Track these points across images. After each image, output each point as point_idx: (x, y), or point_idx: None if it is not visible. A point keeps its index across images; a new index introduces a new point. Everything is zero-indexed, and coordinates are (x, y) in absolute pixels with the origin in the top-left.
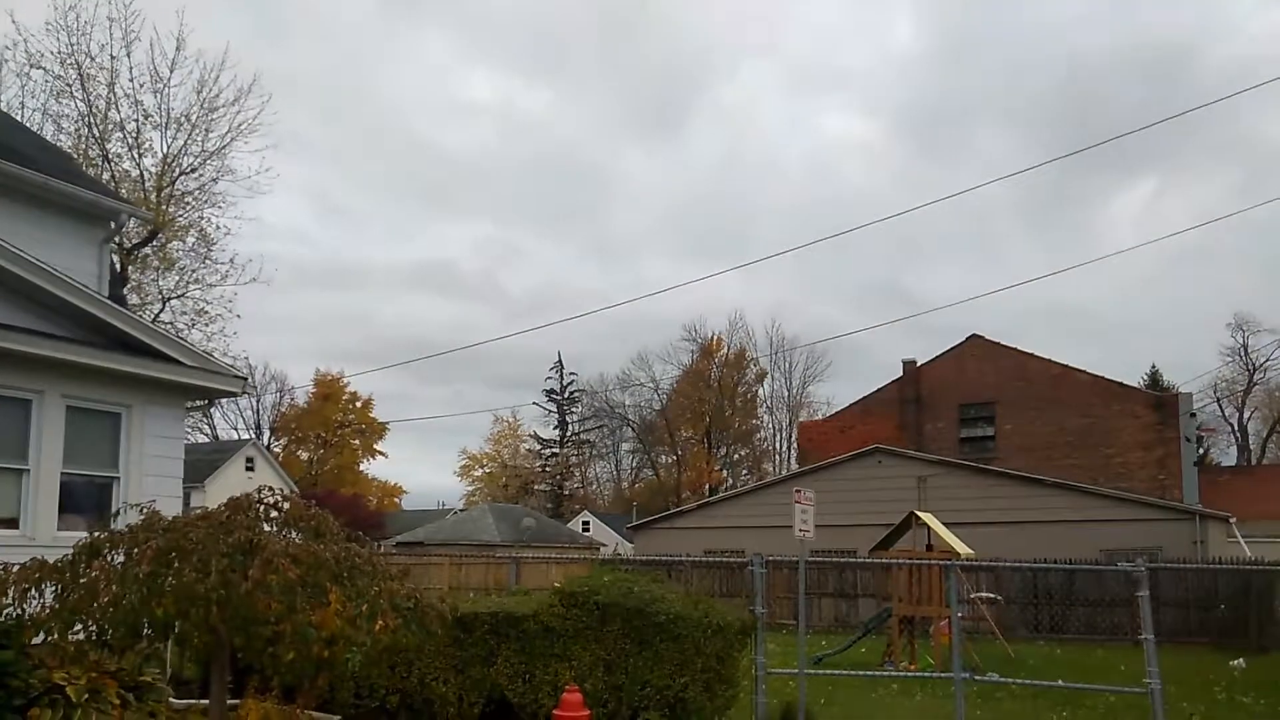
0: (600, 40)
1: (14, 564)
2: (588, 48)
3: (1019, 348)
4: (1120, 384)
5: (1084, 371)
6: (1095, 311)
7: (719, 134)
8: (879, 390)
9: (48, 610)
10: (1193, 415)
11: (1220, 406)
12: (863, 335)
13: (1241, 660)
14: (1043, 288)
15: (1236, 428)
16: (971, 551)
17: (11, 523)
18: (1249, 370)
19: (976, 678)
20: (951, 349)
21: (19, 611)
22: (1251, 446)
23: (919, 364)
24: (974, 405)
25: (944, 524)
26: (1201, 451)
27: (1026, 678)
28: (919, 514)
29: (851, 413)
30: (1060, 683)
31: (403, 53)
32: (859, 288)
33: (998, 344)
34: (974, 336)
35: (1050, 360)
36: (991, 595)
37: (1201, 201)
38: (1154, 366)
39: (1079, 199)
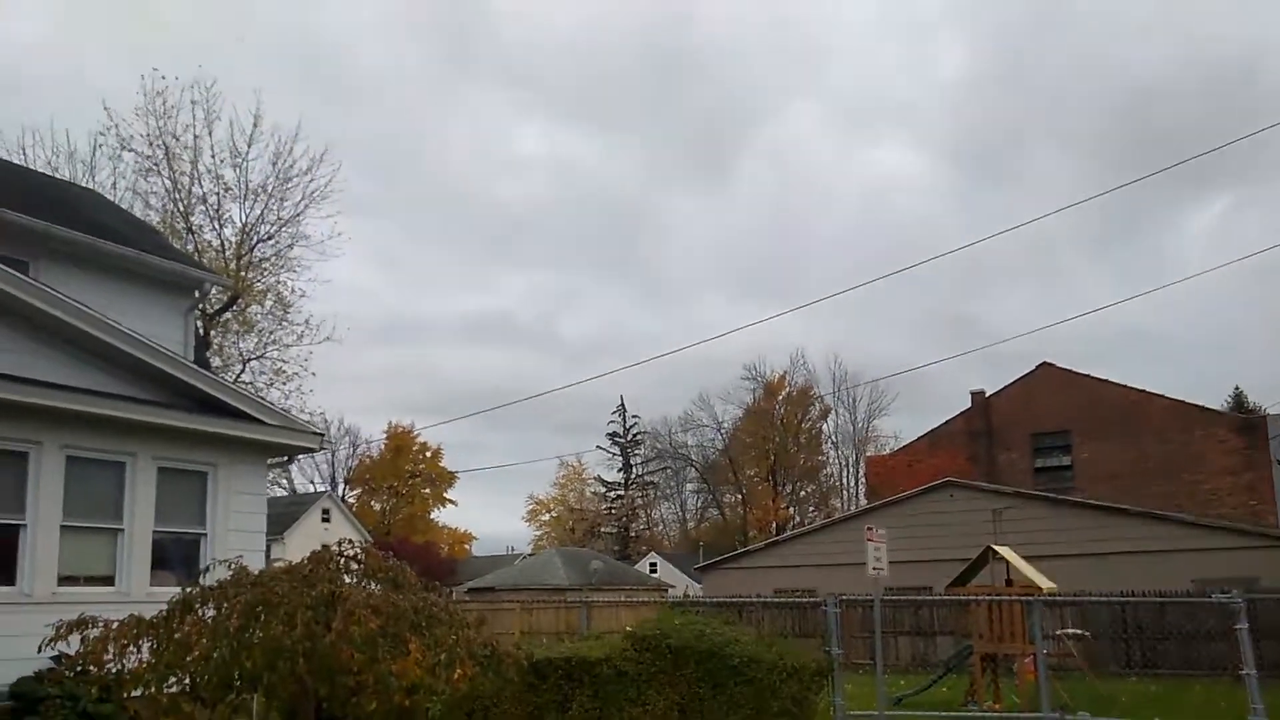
0: (646, 85)
1: (113, 620)
2: (635, 93)
3: (1092, 374)
4: (1202, 408)
5: (1163, 396)
6: (1171, 335)
7: (770, 172)
8: (947, 422)
9: (145, 665)
10: None
11: None
12: (928, 368)
13: None
14: (1115, 313)
15: None
16: (1054, 585)
17: (108, 580)
18: None
19: (1067, 716)
20: (1021, 378)
21: (119, 666)
22: None
23: (988, 394)
24: (1048, 434)
25: (1023, 557)
26: None
27: (1120, 716)
28: (996, 548)
29: (919, 446)
30: None
31: (455, 108)
32: (922, 319)
33: (1070, 371)
34: (1045, 364)
35: (1126, 386)
36: (1078, 630)
37: (1277, 217)
38: (1238, 389)
39: (1148, 219)
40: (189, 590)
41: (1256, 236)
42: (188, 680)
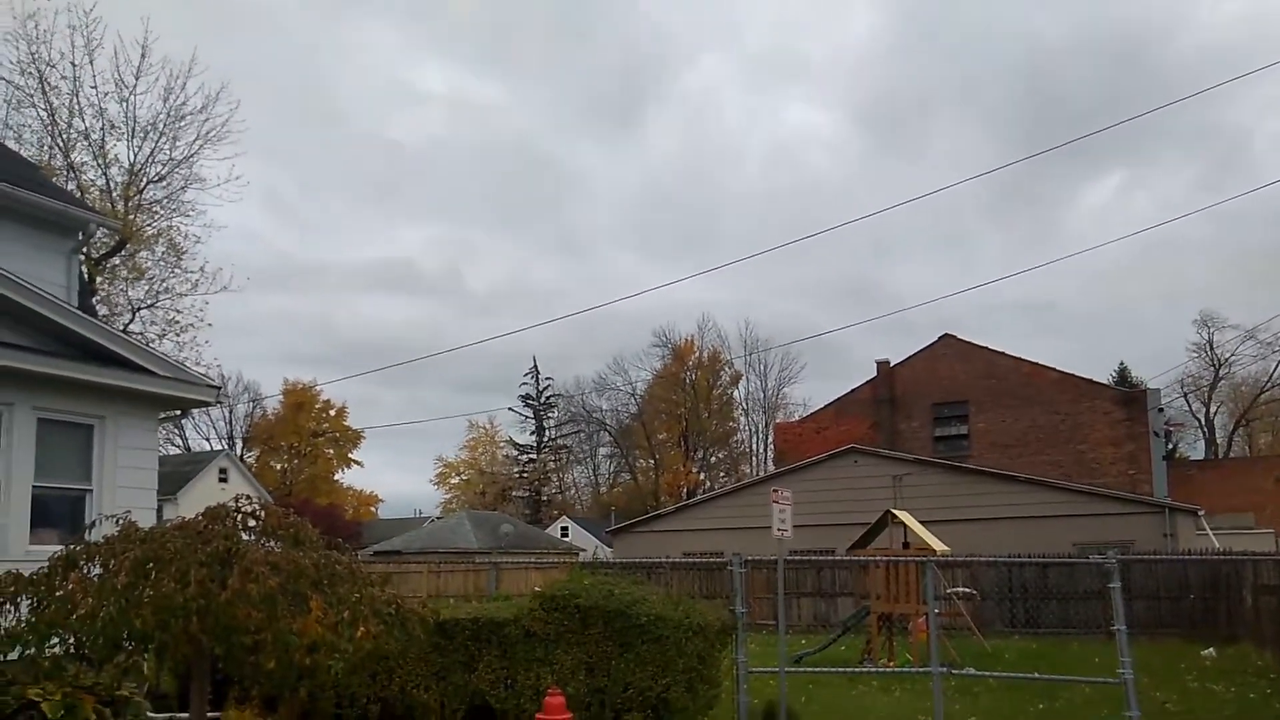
0: (555, 31)
1: None
2: (542, 38)
3: (990, 346)
4: (1089, 380)
5: (1054, 369)
6: (1065, 307)
7: (679, 127)
8: (853, 391)
9: (23, 624)
10: (1161, 410)
11: (1188, 402)
12: (837, 334)
13: (1212, 650)
14: (1013, 284)
15: (1204, 422)
16: (947, 548)
17: None
18: (1215, 366)
19: (954, 672)
20: (924, 349)
21: None
22: (1219, 440)
23: (892, 364)
24: (947, 404)
25: (920, 521)
26: (1170, 446)
27: (1003, 671)
28: (895, 512)
29: (827, 413)
30: (1036, 675)
31: (351, 45)
32: (830, 285)
33: (969, 343)
34: (946, 336)
35: (1020, 359)
36: (968, 590)
37: (1169, 194)
38: (1122, 363)
39: (1046, 191)
40: (73, 546)
41: (1148, 212)
42: (72, 640)
